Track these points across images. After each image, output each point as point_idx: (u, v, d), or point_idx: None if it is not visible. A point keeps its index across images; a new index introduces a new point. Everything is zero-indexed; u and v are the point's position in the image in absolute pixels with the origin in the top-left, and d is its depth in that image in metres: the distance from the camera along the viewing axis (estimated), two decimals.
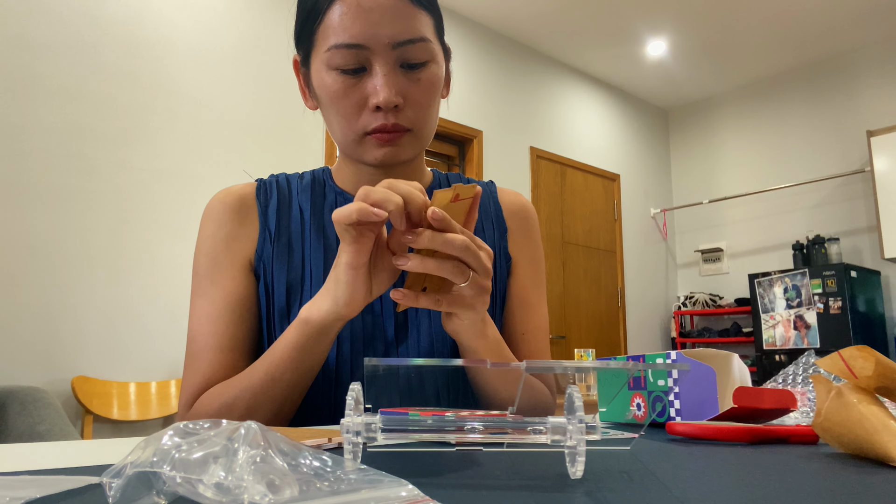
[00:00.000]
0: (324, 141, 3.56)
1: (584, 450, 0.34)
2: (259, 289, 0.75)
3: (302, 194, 0.80)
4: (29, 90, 2.65)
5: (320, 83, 0.71)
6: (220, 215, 0.77)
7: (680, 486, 0.33)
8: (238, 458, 0.25)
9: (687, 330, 5.71)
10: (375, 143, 0.71)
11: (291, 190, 0.81)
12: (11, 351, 2.49)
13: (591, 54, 5.13)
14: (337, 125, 0.72)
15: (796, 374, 0.76)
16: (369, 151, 0.72)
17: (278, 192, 0.80)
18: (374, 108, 0.69)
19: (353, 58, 0.67)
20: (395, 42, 0.67)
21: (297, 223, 0.78)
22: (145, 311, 2.85)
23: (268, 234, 0.76)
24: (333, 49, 0.67)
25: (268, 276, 0.75)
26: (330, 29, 0.67)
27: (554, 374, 0.83)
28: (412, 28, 0.68)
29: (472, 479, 0.35)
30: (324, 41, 0.69)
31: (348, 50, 0.67)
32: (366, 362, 0.38)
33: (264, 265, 0.75)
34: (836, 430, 0.44)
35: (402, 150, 0.72)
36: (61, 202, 2.69)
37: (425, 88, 0.71)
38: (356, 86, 0.69)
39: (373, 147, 0.71)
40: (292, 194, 0.80)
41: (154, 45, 3.04)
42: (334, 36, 0.67)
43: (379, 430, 0.35)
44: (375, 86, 0.67)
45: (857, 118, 4.97)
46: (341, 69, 0.68)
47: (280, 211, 0.78)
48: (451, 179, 0.88)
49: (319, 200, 0.80)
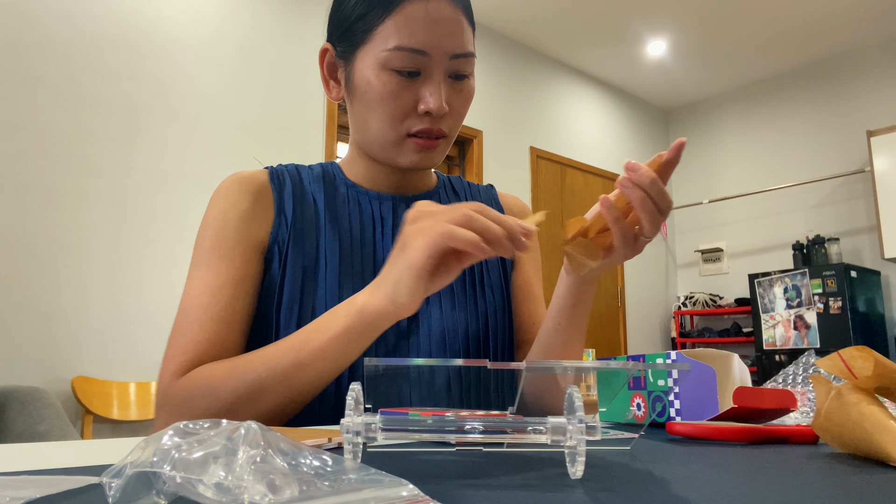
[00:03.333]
0: (324, 141, 3.56)
1: (584, 450, 0.34)
2: (270, 273, 0.74)
3: (314, 184, 0.81)
4: (29, 90, 2.65)
5: (369, 80, 0.72)
6: (235, 195, 0.76)
7: (680, 486, 0.33)
8: (238, 458, 0.25)
9: (687, 330, 5.71)
10: (414, 147, 0.74)
11: (303, 179, 0.81)
12: (11, 351, 2.49)
13: (591, 54, 5.13)
14: (377, 124, 0.74)
15: (796, 374, 0.76)
16: (406, 154, 0.74)
17: (291, 180, 0.80)
18: (422, 113, 0.72)
19: (413, 62, 0.70)
20: (453, 54, 0.71)
21: (312, 211, 0.78)
22: (145, 311, 2.85)
23: (284, 218, 0.77)
24: (396, 50, 0.69)
25: (283, 260, 0.75)
26: (394, 30, 0.70)
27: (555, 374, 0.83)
28: (466, 43, 0.73)
29: (472, 479, 0.35)
30: (384, 41, 0.70)
31: (411, 54, 0.70)
32: (366, 362, 0.38)
33: (279, 249, 0.75)
34: (835, 431, 0.45)
35: (436, 156, 0.76)
36: (61, 202, 2.68)
37: (464, 99, 0.75)
38: (408, 89, 0.71)
39: (411, 150, 0.74)
40: (304, 183, 0.81)
41: (154, 45, 3.04)
42: (398, 38, 0.69)
43: (379, 430, 0.35)
44: (430, 92, 0.71)
45: (857, 118, 4.97)
46: (398, 70, 0.70)
47: (295, 198, 0.78)
48: (454, 182, 0.91)
49: (332, 192, 0.81)
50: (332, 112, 3.61)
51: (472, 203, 0.55)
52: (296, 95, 3.50)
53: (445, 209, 0.55)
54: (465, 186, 0.92)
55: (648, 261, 5.74)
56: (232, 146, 3.22)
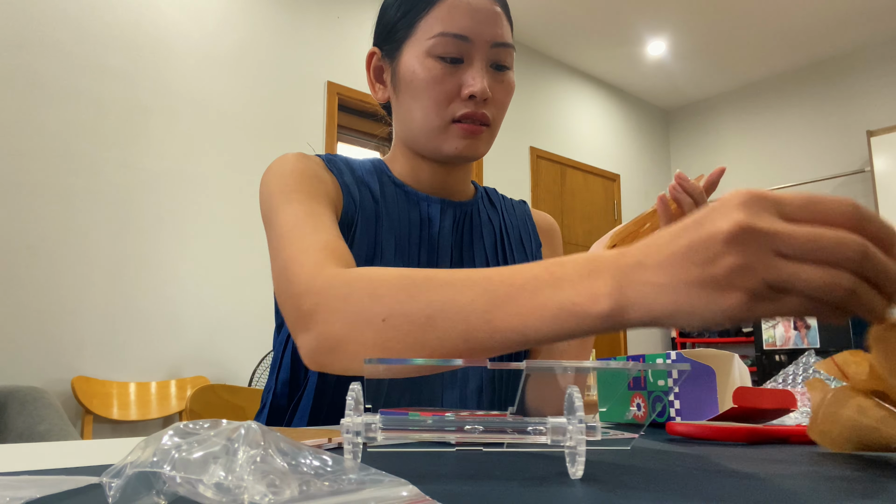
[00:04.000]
0: (324, 141, 3.56)
1: (584, 450, 0.34)
2: None
3: (368, 176, 0.81)
4: (29, 90, 2.65)
5: (414, 69, 0.74)
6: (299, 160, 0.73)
7: (680, 486, 0.33)
8: (238, 458, 0.25)
9: (687, 330, 5.70)
10: (460, 133, 0.75)
11: (355, 169, 0.81)
12: (11, 351, 2.49)
13: (591, 54, 5.13)
14: (422, 111, 0.75)
15: (796, 374, 0.76)
16: (451, 140, 0.76)
17: (348, 168, 0.80)
18: (466, 97, 0.73)
19: (456, 48, 0.73)
20: (495, 42, 0.74)
21: (370, 201, 0.78)
22: (145, 311, 2.85)
23: (352, 199, 0.76)
24: (440, 36, 0.73)
25: (350, 239, 0.74)
26: (438, 19, 0.73)
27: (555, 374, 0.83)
28: (506, 34, 0.76)
29: (472, 479, 0.35)
30: (428, 30, 0.73)
31: (455, 39, 0.73)
32: (366, 362, 0.38)
33: (347, 226, 0.75)
34: (834, 431, 0.44)
35: (480, 145, 0.77)
36: (61, 202, 2.68)
37: (506, 90, 0.78)
38: (452, 74, 0.74)
39: (456, 136, 0.75)
40: (358, 173, 0.80)
41: (154, 45, 3.04)
42: (442, 25, 0.73)
43: (379, 430, 0.35)
44: (473, 77, 0.73)
45: (857, 118, 4.97)
46: (442, 57, 0.73)
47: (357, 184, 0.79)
48: (490, 194, 0.92)
49: (383, 187, 0.81)
50: (333, 112, 3.61)
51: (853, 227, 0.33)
52: (296, 95, 3.50)
53: (833, 243, 0.32)
54: (500, 199, 0.93)
55: None
56: (232, 146, 3.22)
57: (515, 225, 0.91)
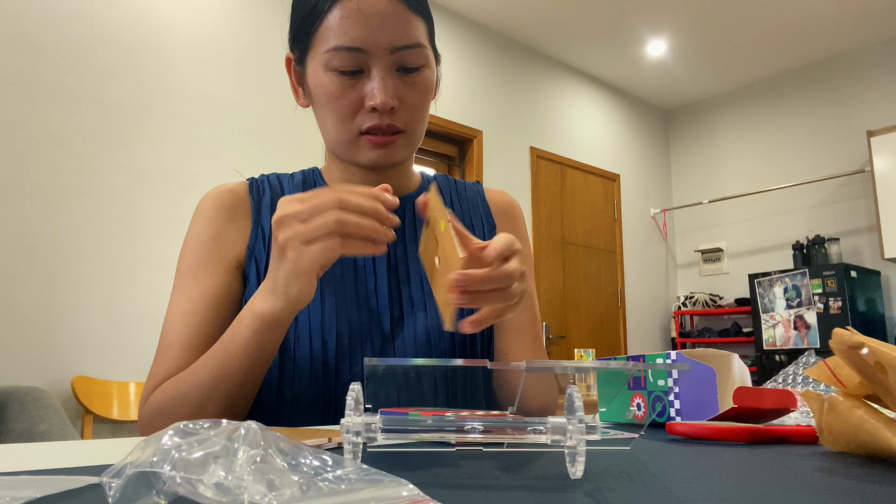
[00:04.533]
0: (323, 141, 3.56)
1: (584, 450, 0.34)
2: (248, 286, 0.75)
3: (294, 191, 0.81)
4: (29, 90, 2.65)
5: (316, 83, 0.72)
6: (209, 212, 0.77)
7: (680, 486, 0.33)
8: (238, 458, 0.25)
9: (687, 330, 5.71)
10: (369, 145, 0.73)
11: (283, 188, 0.81)
12: (11, 351, 2.49)
13: (591, 54, 5.13)
14: (331, 125, 0.74)
15: (796, 374, 0.76)
16: (363, 152, 0.74)
17: (271, 190, 0.80)
18: (370, 110, 0.71)
19: (352, 60, 0.69)
20: (393, 47, 0.70)
21: None
22: (145, 311, 2.85)
23: (260, 231, 0.77)
24: (333, 51, 0.69)
25: (260, 273, 0.75)
26: (330, 31, 0.69)
27: (554, 374, 0.83)
28: (409, 34, 0.70)
29: (472, 479, 0.35)
30: (323, 42, 0.70)
31: (348, 52, 0.69)
32: (366, 362, 0.38)
33: (256, 262, 0.75)
34: (842, 440, 0.45)
35: (396, 152, 0.74)
36: (61, 202, 2.68)
37: (419, 92, 0.73)
38: (353, 87, 0.71)
39: (367, 148, 0.73)
40: (284, 192, 0.81)
41: (154, 45, 3.04)
42: (334, 38, 0.69)
43: (379, 430, 0.35)
44: (373, 88, 0.70)
45: (857, 118, 4.97)
46: (339, 70, 0.70)
47: (273, 209, 0.78)
48: (439, 181, 0.90)
49: None
50: None
51: (332, 193, 0.54)
52: None
53: (311, 209, 0.54)
54: (450, 184, 0.90)
55: (648, 261, 5.75)
56: (231, 146, 3.22)
57: (465, 210, 0.88)
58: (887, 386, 0.39)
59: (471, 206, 0.89)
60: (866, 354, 0.38)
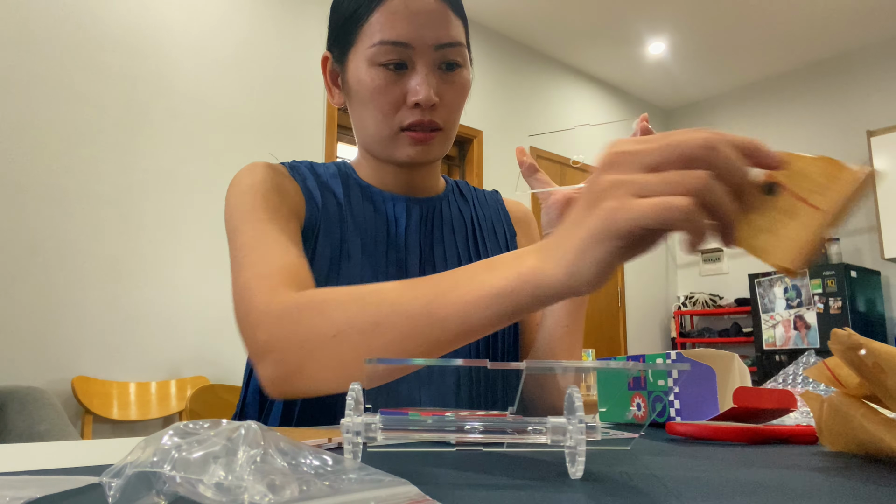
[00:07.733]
0: (324, 141, 3.56)
1: (584, 450, 0.34)
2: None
3: (332, 180, 0.81)
4: (29, 90, 2.65)
5: (359, 78, 0.73)
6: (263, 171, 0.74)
7: (680, 486, 0.33)
8: (238, 458, 0.25)
9: (687, 330, 5.70)
10: (409, 141, 0.74)
11: (320, 174, 0.82)
12: (11, 351, 2.49)
13: (591, 54, 5.13)
14: (372, 120, 0.74)
15: (796, 374, 0.76)
16: (402, 148, 0.75)
17: (312, 173, 0.81)
18: (412, 105, 0.72)
19: (397, 55, 0.71)
20: (438, 44, 0.72)
21: (334, 204, 0.79)
22: (145, 311, 2.85)
23: (314, 204, 0.77)
24: (379, 45, 0.71)
25: (313, 244, 0.74)
26: (377, 26, 0.71)
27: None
28: (452, 33, 0.73)
29: (472, 479, 0.35)
30: (368, 38, 0.72)
31: (393, 47, 0.71)
32: (366, 362, 0.38)
33: (312, 232, 0.75)
34: (842, 441, 0.45)
35: (433, 149, 0.76)
36: (61, 202, 2.68)
37: (458, 90, 0.75)
38: (396, 83, 0.72)
39: (406, 144, 0.74)
40: (323, 178, 0.81)
41: (154, 45, 3.04)
42: (380, 33, 0.71)
43: (379, 430, 0.35)
44: (416, 84, 0.71)
45: (857, 118, 4.97)
46: (384, 65, 0.71)
47: (320, 188, 0.79)
48: (461, 186, 0.92)
49: (348, 189, 0.81)
50: (332, 112, 3.61)
51: (702, 135, 0.38)
52: (296, 95, 3.50)
53: (668, 151, 0.38)
54: (471, 191, 0.92)
55: (648, 261, 5.74)
56: (232, 146, 3.22)
57: (488, 216, 0.90)
58: (886, 386, 0.39)
59: (492, 213, 0.91)
60: (864, 355, 0.38)
